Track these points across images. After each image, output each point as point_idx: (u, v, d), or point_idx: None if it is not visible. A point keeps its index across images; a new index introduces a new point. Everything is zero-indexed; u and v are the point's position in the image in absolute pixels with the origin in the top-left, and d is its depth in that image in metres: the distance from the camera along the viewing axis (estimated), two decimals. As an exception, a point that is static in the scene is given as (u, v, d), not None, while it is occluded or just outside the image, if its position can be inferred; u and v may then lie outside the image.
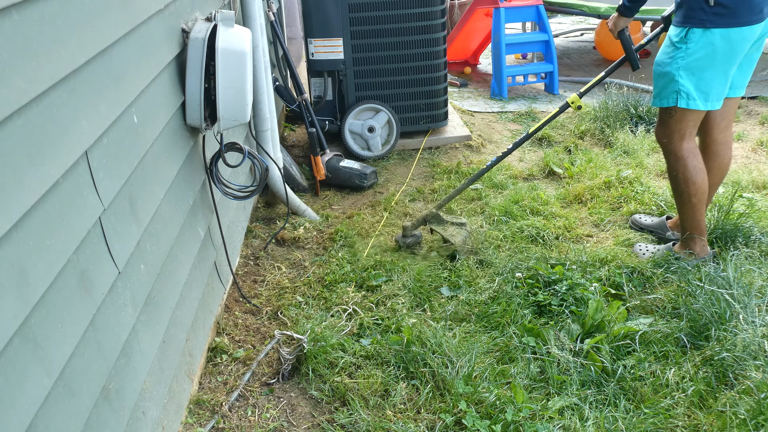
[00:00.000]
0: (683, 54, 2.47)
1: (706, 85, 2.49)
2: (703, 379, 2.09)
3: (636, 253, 2.85)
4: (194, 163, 2.24)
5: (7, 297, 1.07)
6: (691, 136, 2.60)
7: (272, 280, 2.79)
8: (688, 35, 2.45)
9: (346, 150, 4.04)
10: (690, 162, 2.59)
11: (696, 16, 2.42)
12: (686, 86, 2.49)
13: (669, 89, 2.53)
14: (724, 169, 2.79)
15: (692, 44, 2.45)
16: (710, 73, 2.48)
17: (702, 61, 2.46)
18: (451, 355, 2.18)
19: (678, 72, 2.49)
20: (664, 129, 2.63)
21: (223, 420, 2.04)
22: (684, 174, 2.61)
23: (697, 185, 2.61)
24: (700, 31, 2.43)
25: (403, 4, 3.85)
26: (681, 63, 2.48)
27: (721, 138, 2.73)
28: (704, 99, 2.51)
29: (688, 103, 2.51)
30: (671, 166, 2.65)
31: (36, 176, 1.17)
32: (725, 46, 2.43)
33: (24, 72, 1.13)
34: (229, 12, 2.11)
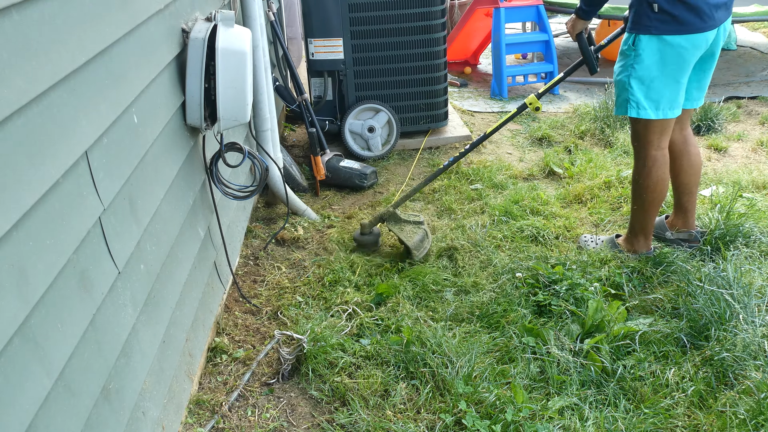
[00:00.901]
0: (632, 62, 2.46)
1: (655, 93, 2.47)
2: (703, 379, 2.09)
3: (581, 245, 2.90)
4: (194, 163, 2.24)
5: (7, 297, 1.07)
6: (659, 144, 2.59)
7: (272, 280, 2.79)
8: (636, 42, 2.43)
9: (346, 150, 4.04)
10: (654, 171, 2.61)
11: (642, 23, 2.40)
12: (636, 95, 2.48)
13: (621, 98, 2.53)
14: (695, 165, 2.79)
15: (640, 51, 2.43)
16: (660, 81, 2.45)
17: (650, 69, 2.43)
18: (451, 355, 2.18)
19: (629, 80, 2.48)
20: (634, 135, 2.64)
21: (223, 420, 2.04)
22: (646, 181, 2.63)
23: (656, 193, 2.65)
24: (647, 38, 2.40)
25: (403, 4, 3.85)
26: (631, 71, 2.47)
27: (679, 138, 2.74)
28: (654, 108, 2.49)
29: (638, 113, 2.50)
30: (636, 170, 2.66)
31: (36, 176, 1.17)
32: (674, 53, 2.40)
33: (24, 72, 1.13)
34: (229, 12, 2.11)
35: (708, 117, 4.33)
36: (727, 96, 4.96)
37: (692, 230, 2.87)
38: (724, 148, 4.04)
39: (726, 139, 4.19)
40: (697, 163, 2.80)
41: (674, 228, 2.91)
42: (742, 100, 4.90)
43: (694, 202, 2.87)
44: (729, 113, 4.52)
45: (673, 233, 2.91)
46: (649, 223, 2.75)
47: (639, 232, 2.76)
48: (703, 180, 3.58)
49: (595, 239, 2.92)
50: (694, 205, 2.88)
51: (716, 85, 5.24)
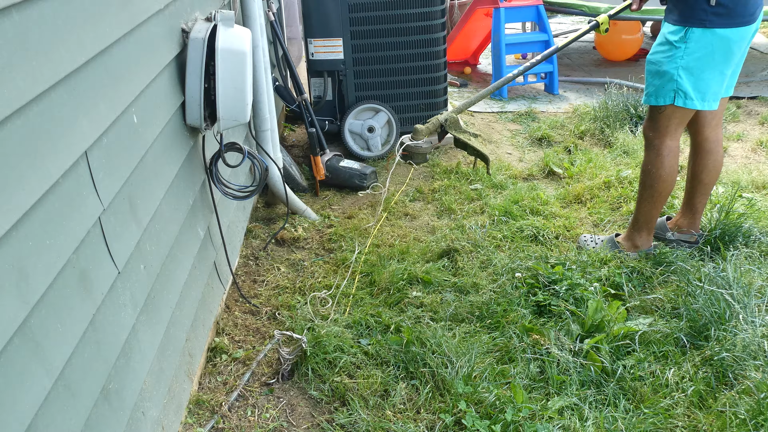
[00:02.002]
0: (682, 53, 2.47)
1: (704, 84, 2.49)
2: (702, 379, 2.09)
3: (580, 245, 2.91)
4: (194, 163, 2.24)
5: (7, 297, 1.07)
6: (676, 134, 2.62)
7: (272, 280, 2.79)
8: (688, 34, 2.44)
9: (346, 150, 4.03)
10: (667, 161, 2.63)
11: (696, 16, 2.41)
12: (684, 86, 2.49)
13: (667, 88, 2.53)
14: (718, 166, 2.80)
15: (692, 44, 2.44)
16: (709, 73, 2.48)
17: (701, 60, 2.46)
18: (451, 355, 2.18)
19: (677, 71, 2.49)
20: (652, 124, 2.64)
21: (222, 420, 2.04)
22: (659, 171, 2.64)
23: (667, 184, 2.66)
24: (700, 30, 2.42)
25: (403, 4, 3.85)
26: (680, 62, 2.48)
27: (713, 136, 2.74)
28: (701, 99, 2.52)
29: (685, 102, 2.52)
30: (649, 159, 2.67)
31: (36, 176, 1.17)
32: (724, 46, 2.43)
33: (24, 72, 1.13)
34: (229, 12, 2.11)
35: (708, 117, 4.33)
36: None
37: (696, 232, 2.87)
38: (724, 148, 4.04)
39: (726, 139, 4.19)
40: (720, 165, 2.81)
41: (677, 228, 2.90)
42: (741, 100, 4.90)
43: (704, 204, 2.87)
44: (729, 113, 4.52)
45: (675, 234, 2.91)
46: (655, 216, 2.75)
47: (643, 226, 2.76)
48: (702, 180, 3.58)
49: (595, 239, 2.93)
50: (703, 207, 2.87)
51: (716, 85, 5.23)
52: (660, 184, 2.66)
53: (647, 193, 2.71)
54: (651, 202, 2.71)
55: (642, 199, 2.74)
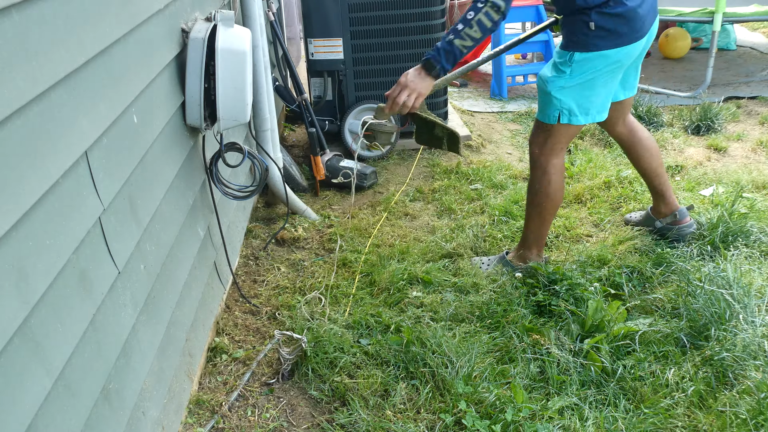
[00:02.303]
0: (567, 77, 2.41)
1: (587, 102, 2.46)
2: (703, 379, 2.09)
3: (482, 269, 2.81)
4: (194, 163, 2.24)
5: (7, 297, 1.07)
6: (561, 153, 2.58)
7: (272, 280, 2.79)
8: (572, 59, 2.39)
9: (346, 150, 4.04)
10: (554, 178, 2.57)
11: (579, 41, 2.36)
12: (568, 104, 2.45)
13: (551, 108, 2.49)
14: (652, 147, 2.82)
15: (576, 66, 2.38)
16: (594, 91, 2.44)
17: (587, 83, 2.42)
18: (451, 355, 2.18)
19: (560, 93, 2.44)
20: (539, 140, 2.57)
21: (222, 420, 2.04)
22: (546, 189, 2.59)
23: (554, 201, 2.62)
24: (584, 54, 2.37)
25: (403, 4, 3.85)
26: (564, 84, 2.43)
27: (625, 130, 2.78)
28: (585, 113, 2.48)
29: (570, 119, 2.47)
30: (536, 177, 2.60)
31: (36, 176, 1.17)
32: (609, 66, 2.39)
33: (24, 72, 1.13)
34: (229, 12, 2.11)
35: (708, 117, 4.33)
36: (727, 96, 4.96)
37: (675, 209, 2.92)
38: (724, 148, 4.04)
39: (726, 139, 4.19)
40: (652, 146, 2.83)
41: (660, 215, 2.96)
42: (741, 100, 4.90)
43: (666, 183, 2.90)
44: (729, 113, 4.52)
45: (662, 221, 2.96)
46: (544, 233, 2.72)
47: (533, 243, 2.72)
48: (703, 180, 3.58)
49: (486, 260, 2.86)
50: (668, 185, 2.91)
51: (716, 85, 5.24)
52: (547, 202, 2.62)
53: (535, 212, 2.66)
54: (540, 219, 2.67)
55: (530, 217, 2.69)
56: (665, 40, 6.14)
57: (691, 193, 3.40)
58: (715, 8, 4.87)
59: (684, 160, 3.86)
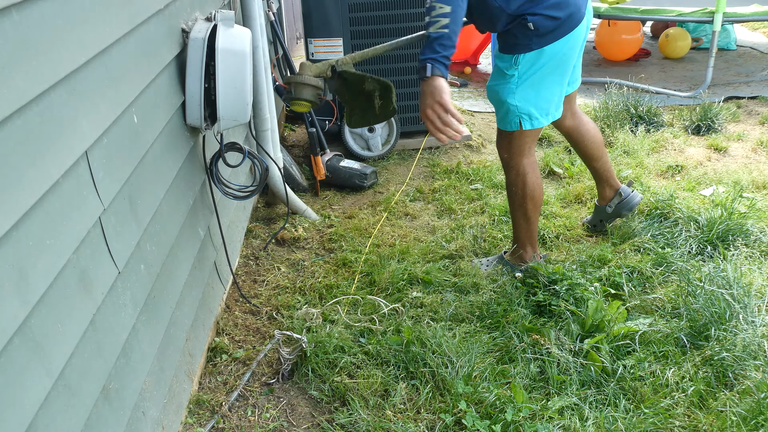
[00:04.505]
0: (516, 80, 2.39)
1: (545, 101, 2.44)
2: (702, 379, 2.09)
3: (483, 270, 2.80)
4: (194, 163, 2.24)
5: (7, 297, 1.07)
6: (530, 151, 2.56)
7: (272, 280, 2.80)
8: (518, 61, 2.37)
9: (346, 150, 4.03)
10: (530, 178, 2.56)
11: (520, 42, 2.34)
12: (526, 109, 2.43)
13: (510, 116, 2.47)
14: (595, 135, 2.86)
15: (523, 68, 2.37)
16: (546, 89, 2.43)
17: (537, 82, 2.40)
18: (451, 355, 2.18)
19: (514, 99, 2.42)
20: (505, 145, 2.57)
21: (223, 420, 2.04)
22: (523, 190, 2.58)
23: (535, 200, 2.61)
24: (528, 54, 2.35)
25: (403, 4, 3.85)
26: (515, 89, 2.41)
27: (571, 123, 2.81)
28: (545, 114, 2.47)
29: (532, 124, 2.46)
30: (511, 180, 2.60)
31: (36, 176, 1.17)
32: (556, 58, 2.38)
33: (24, 72, 1.13)
34: (229, 12, 2.11)
35: (708, 117, 4.33)
36: (727, 96, 4.96)
37: (618, 188, 2.98)
38: (724, 148, 4.04)
39: (726, 139, 4.19)
40: (594, 134, 2.86)
41: (606, 199, 3.00)
42: (742, 100, 4.90)
43: (606, 164, 2.94)
44: (729, 113, 4.52)
45: (611, 204, 3.01)
46: (534, 230, 2.72)
47: (526, 241, 2.72)
48: (703, 180, 3.58)
49: (486, 260, 2.86)
50: (608, 166, 2.95)
51: (716, 85, 5.24)
52: (528, 202, 2.61)
53: (519, 213, 2.66)
54: (525, 219, 2.66)
55: (516, 219, 2.69)
56: (665, 40, 6.14)
57: (691, 193, 3.40)
58: (715, 8, 4.87)
59: (684, 160, 3.86)
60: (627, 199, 2.98)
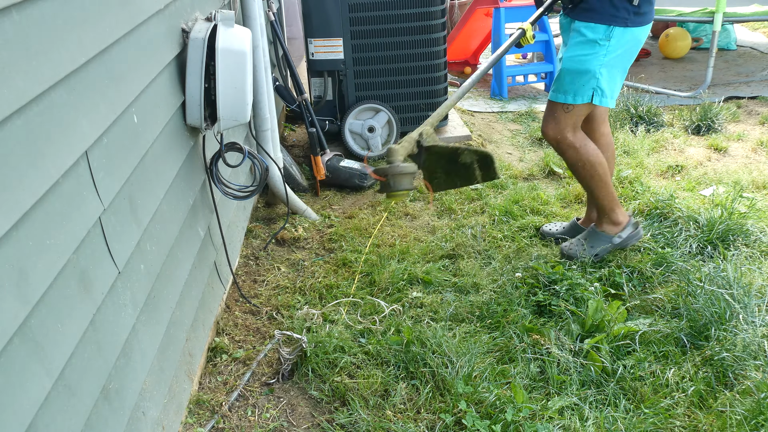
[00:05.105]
0: (606, 51, 2.47)
1: (614, 84, 2.56)
2: (703, 379, 2.09)
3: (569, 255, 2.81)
4: (194, 163, 2.24)
5: (7, 297, 1.07)
6: (578, 126, 2.64)
7: (272, 280, 2.80)
8: (612, 33, 2.45)
9: (346, 150, 4.04)
10: (588, 147, 2.64)
11: (620, 15, 2.43)
12: (603, 84, 2.52)
13: (587, 86, 2.53)
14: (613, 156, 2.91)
15: (614, 42, 2.46)
16: (619, 72, 2.54)
17: (618, 59, 2.50)
18: (451, 355, 2.18)
19: (599, 69, 2.50)
20: (556, 125, 2.62)
21: (223, 420, 2.04)
22: (588, 159, 2.65)
23: (602, 163, 2.68)
24: (621, 30, 2.45)
25: (403, 4, 3.85)
26: (603, 60, 2.49)
27: (605, 129, 2.85)
28: (611, 97, 2.57)
29: (601, 101, 2.54)
30: (572, 157, 2.67)
31: (36, 176, 1.17)
32: (635, 44, 2.50)
33: (24, 72, 1.13)
34: (229, 12, 2.11)
35: (708, 117, 4.33)
36: (727, 96, 4.96)
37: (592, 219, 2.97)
38: (724, 148, 4.04)
39: (726, 139, 4.19)
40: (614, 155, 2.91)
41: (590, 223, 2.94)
42: (742, 100, 4.90)
43: None
44: (729, 113, 4.52)
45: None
46: (613, 192, 2.77)
47: (612, 205, 2.77)
48: (703, 180, 3.58)
49: (580, 242, 2.84)
50: None
51: (716, 85, 5.24)
52: (595, 168, 2.67)
53: (593, 182, 2.71)
54: (603, 183, 2.72)
55: (592, 189, 2.74)
56: (665, 40, 6.14)
57: (691, 193, 3.40)
58: (716, 8, 4.87)
59: (684, 160, 3.86)
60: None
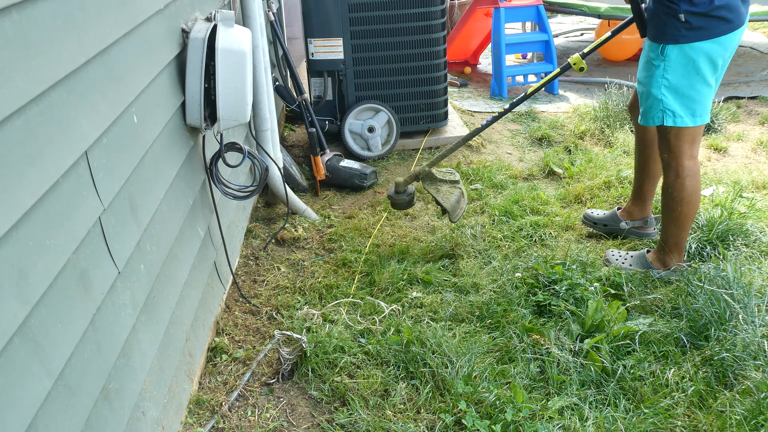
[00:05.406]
0: (662, 72, 2.37)
1: (690, 100, 2.39)
2: (702, 379, 2.09)
3: (608, 259, 2.78)
4: (194, 163, 2.24)
5: (7, 297, 1.07)
6: (692, 153, 2.48)
7: (272, 280, 2.79)
8: (665, 52, 2.34)
9: (346, 150, 4.04)
10: (688, 182, 2.48)
11: (669, 32, 2.31)
12: (670, 105, 2.39)
13: (655, 109, 2.44)
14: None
15: (671, 61, 2.34)
16: (695, 88, 2.37)
17: (683, 77, 2.35)
18: (451, 355, 2.18)
19: (660, 91, 2.39)
20: (664, 144, 2.51)
21: (223, 420, 2.04)
22: (680, 194, 2.50)
23: (691, 205, 2.53)
24: (677, 47, 2.32)
25: (403, 4, 3.85)
26: (662, 82, 2.38)
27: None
28: (691, 115, 2.41)
29: (675, 121, 2.41)
30: (668, 182, 2.53)
31: (36, 176, 1.17)
32: (705, 59, 2.32)
33: (24, 72, 1.13)
34: (229, 12, 2.11)
35: (708, 117, 4.33)
36: (727, 96, 4.96)
37: (648, 216, 2.96)
38: (724, 148, 4.04)
39: (726, 139, 4.19)
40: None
41: (629, 216, 2.99)
42: (742, 100, 4.90)
43: (653, 191, 2.93)
44: (729, 113, 4.52)
45: (629, 223, 2.98)
46: (684, 237, 2.62)
47: (673, 248, 2.63)
48: (703, 180, 3.58)
49: (624, 255, 2.79)
50: (653, 192, 2.95)
51: (716, 85, 5.23)
52: (684, 207, 2.52)
53: (672, 216, 2.56)
54: (677, 224, 2.58)
55: (667, 221, 2.60)
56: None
57: (691, 193, 3.40)
58: (715, 8, 4.86)
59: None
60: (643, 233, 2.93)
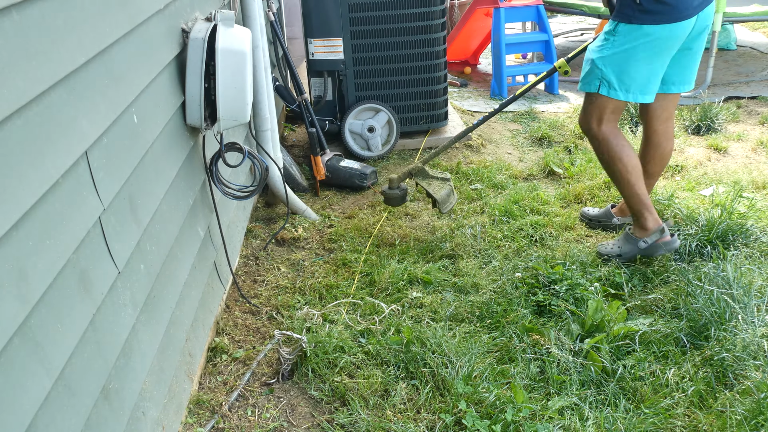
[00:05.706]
0: (609, 45, 2.54)
1: (628, 77, 2.54)
2: (702, 379, 2.09)
3: (602, 253, 2.82)
4: (194, 163, 2.24)
5: (7, 297, 1.07)
6: (609, 121, 2.65)
7: (272, 280, 2.79)
8: (617, 28, 2.51)
9: (346, 150, 4.04)
10: (611, 141, 2.65)
11: (624, 12, 2.48)
12: (609, 76, 2.56)
13: (592, 76, 2.60)
14: (666, 158, 2.91)
15: (619, 37, 2.51)
16: (633, 67, 2.52)
17: (625, 54, 2.51)
18: (451, 355, 2.18)
19: (601, 61, 2.56)
20: (584, 115, 2.70)
21: (223, 420, 2.04)
22: (609, 153, 2.66)
23: (623, 161, 2.66)
24: (627, 26, 2.48)
25: (403, 4, 3.85)
26: (605, 53, 2.55)
27: (661, 129, 2.84)
28: (625, 90, 2.57)
29: (609, 92, 2.58)
30: (596, 149, 2.72)
31: (36, 176, 1.17)
32: (651, 42, 2.48)
33: (24, 72, 1.13)
34: (229, 12, 2.11)
35: (708, 117, 4.33)
36: (727, 96, 4.96)
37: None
38: (724, 148, 4.04)
39: (726, 139, 4.19)
40: (667, 157, 2.91)
41: (621, 213, 3.04)
42: (742, 100, 4.90)
43: (649, 189, 2.95)
44: (729, 113, 4.52)
45: (620, 219, 3.04)
46: (642, 194, 2.71)
47: (638, 210, 2.73)
48: (703, 180, 3.58)
49: (613, 243, 2.84)
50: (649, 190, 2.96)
51: (716, 85, 5.24)
52: (619, 164, 2.66)
53: (617, 179, 2.72)
54: (626, 183, 2.69)
55: (619, 187, 2.74)
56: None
57: (691, 193, 3.40)
58: (716, 8, 4.86)
59: (684, 160, 3.86)
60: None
